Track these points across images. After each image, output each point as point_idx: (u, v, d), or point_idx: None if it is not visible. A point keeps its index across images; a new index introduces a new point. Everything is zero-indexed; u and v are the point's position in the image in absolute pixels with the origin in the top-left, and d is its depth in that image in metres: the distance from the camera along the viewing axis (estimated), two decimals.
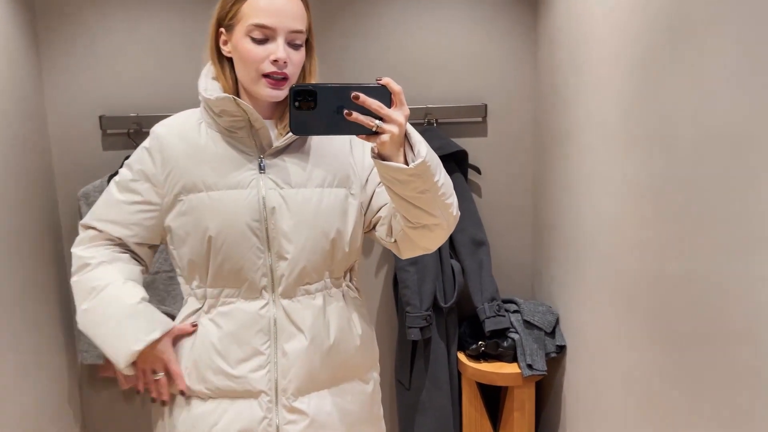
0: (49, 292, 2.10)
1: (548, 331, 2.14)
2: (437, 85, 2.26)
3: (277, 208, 1.13)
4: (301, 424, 1.16)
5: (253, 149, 1.16)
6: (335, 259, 1.20)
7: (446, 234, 1.13)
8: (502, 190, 2.37)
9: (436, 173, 1.02)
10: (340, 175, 1.19)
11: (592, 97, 1.79)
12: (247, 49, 1.10)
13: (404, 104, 0.96)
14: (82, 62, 2.15)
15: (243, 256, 1.14)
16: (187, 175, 1.15)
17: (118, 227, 1.19)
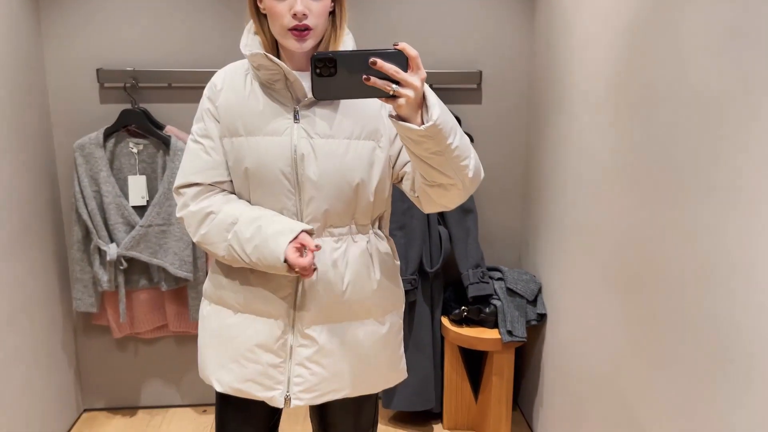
0: (44, 240, 2.16)
1: (530, 299, 2.17)
2: (431, 51, 2.25)
3: (306, 156, 1.21)
4: (311, 349, 1.28)
5: (289, 100, 1.23)
6: (359, 206, 1.26)
7: (463, 194, 1.17)
8: (495, 159, 2.37)
9: (450, 136, 1.05)
10: (369, 128, 1.25)
11: (582, 68, 1.78)
12: (270, 6, 1.17)
13: (421, 68, 1.00)
14: (81, 16, 2.17)
15: (275, 197, 1.24)
16: (231, 119, 1.25)
17: (211, 173, 1.28)
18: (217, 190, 1.29)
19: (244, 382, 1.29)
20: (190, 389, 2.50)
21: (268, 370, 1.28)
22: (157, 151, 2.21)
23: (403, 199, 2.19)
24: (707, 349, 1.16)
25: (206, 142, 1.28)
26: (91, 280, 2.24)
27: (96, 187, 2.17)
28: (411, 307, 2.26)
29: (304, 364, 1.28)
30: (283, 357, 1.29)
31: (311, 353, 1.28)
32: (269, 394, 1.29)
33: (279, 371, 1.29)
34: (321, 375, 1.29)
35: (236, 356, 1.29)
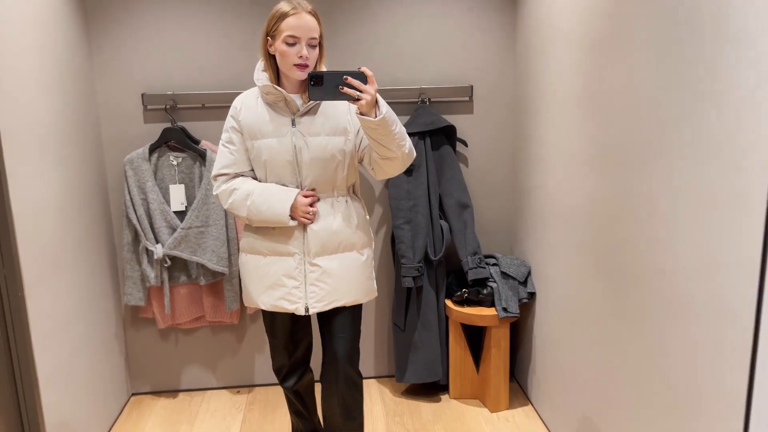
0: (99, 243, 2.49)
1: (521, 280, 2.51)
2: (430, 69, 2.61)
3: (302, 149, 1.81)
4: (318, 272, 1.88)
5: (288, 113, 1.83)
6: (337, 179, 1.87)
7: (402, 165, 1.81)
8: (487, 160, 2.72)
9: (393, 125, 1.69)
10: (341, 127, 1.84)
11: (557, 79, 2.14)
12: (284, 50, 1.76)
13: (374, 82, 1.64)
14: (126, 47, 2.51)
15: (284, 176, 1.85)
16: (251, 129, 1.85)
17: (234, 166, 1.89)
18: (239, 177, 1.88)
19: (278, 300, 1.90)
20: (225, 373, 2.82)
21: (292, 291, 1.88)
22: (194, 163, 2.56)
23: (409, 198, 2.53)
24: (663, 306, 1.50)
25: (230, 146, 1.88)
26: (139, 277, 2.57)
27: (143, 196, 2.51)
28: (418, 291, 2.60)
29: (314, 283, 1.87)
30: (300, 280, 1.88)
31: (318, 275, 1.87)
32: (294, 306, 1.89)
33: (299, 290, 1.88)
34: (326, 289, 1.88)
35: (270, 284, 1.89)
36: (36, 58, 2.02)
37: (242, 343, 2.80)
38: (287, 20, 1.73)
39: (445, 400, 2.67)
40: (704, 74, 1.26)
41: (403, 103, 2.62)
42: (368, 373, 2.88)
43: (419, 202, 2.55)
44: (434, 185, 2.57)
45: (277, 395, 2.77)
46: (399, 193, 2.55)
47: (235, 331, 2.79)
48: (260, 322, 2.78)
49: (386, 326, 2.84)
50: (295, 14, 1.73)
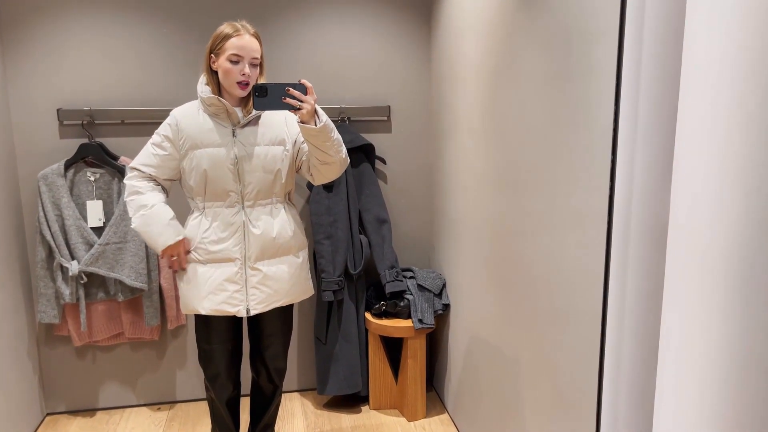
0: (12, 260, 2.44)
1: (437, 292, 2.62)
2: (350, 89, 2.71)
3: (243, 158, 1.93)
4: (258, 276, 1.99)
5: (229, 124, 1.94)
6: (276, 186, 1.98)
7: (339, 169, 1.95)
8: (405, 177, 2.83)
9: (332, 132, 1.85)
10: (279, 138, 1.98)
11: (462, 102, 2.27)
12: (227, 68, 1.88)
13: (313, 94, 1.79)
14: (42, 60, 2.49)
15: (225, 184, 1.94)
16: (192, 139, 1.93)
17: (153, 169, 1.97)
18: (150, 180, 1.97)
19: (220, 305, 1.97)
20: (145, 390, 2.80)
21: (233, 294, 1.98)
22: (112, 179, 2.55)
23: (329, 213, 2.61)
24: (546, 313, 1.63)
25: (158, 150, 1.96)
26: (53, 295, 2.53)
27: (58, 212, 2.48)
28: (339, 305, 2.67)
29: (256, 286, 1.99)
30: (241, 285, 1.98)
31: (259, 279, 1.99)
32: (236, 309, 1.98)
33: (240, 294, 1.98)
34: (267, 292, 2.00)
35: (211, 290, 1.97)
36: None
37: (163, 359, 2.79)
38: (232, 40, 1.85)
39: (365, 411, 2.74)
40: (576, 105, 1.39)
41: None
42: (291, 387, 2.92)
43: (339, 218, 2.62)
44: (354, 201, 2.66)
45: (198, 411, 2.76)
46: (319, 209, 2.62)
47: (156, 347, 2.78)
48: (181, 338, 2.78)
49: (309, 340, 2.89)
50: (238, 35, 1.86)
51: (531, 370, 1.72)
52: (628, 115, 1.09)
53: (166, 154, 1.95)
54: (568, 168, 1.43)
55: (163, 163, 1.96)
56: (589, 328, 1.35)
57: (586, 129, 1.34)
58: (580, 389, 1.42)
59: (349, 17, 2.67)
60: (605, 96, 1.25)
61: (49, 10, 2.46)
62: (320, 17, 2.65)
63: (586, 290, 1.36)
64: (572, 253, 1.43)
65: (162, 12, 2.54)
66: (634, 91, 1.09)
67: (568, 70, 1.42)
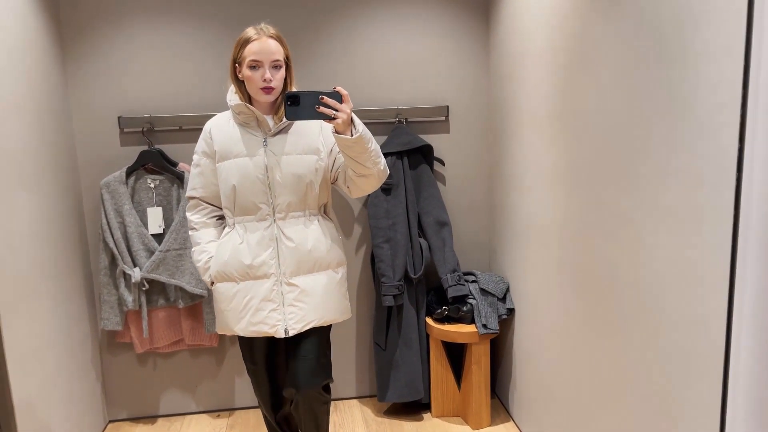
0: (76, 268, 2.46)
1: (500, 297, 2.54)
2: (407, 90, 2.65)
3: (273, 168, 1.85)
4: (295, 292, 1.89)
5: (260, 133, 1.88)
6: (308, 198, 1.90)
7: (378, 182, 1.86)
8: (464, 178, 2.76)
9: (369, 143, 1.75)
10: (313, 147, 1.89)
11: (528, 100, 2.19)
12: (249, 75, 1.82)
13: (349, 102, 1.68)
14: (103, 70, 2.51)
15: (256, 196, 1.87)
16: (222, 150, 1.89)
17: (200, 191, 1.96)
18: (204, 206, 1.97)
19: (256, 325, 1.89)
20: (205, 397, 2.79)
21: (270, 314, 1.89)
22: (171, 185, 2.55)
23: (388, 216, 2.55)
24: (634, 319, 1.54)
25: (197, 169, 1.94)
26: (116, 302, 2.54)
27: (120, 219, 2.49)
28: (399, 310, 2.61)
29: (292, 303, 1.89)
30: (278, 302, 1.88)
31: (296, 295, 1.89)
32: (274, 330, 1.89)
33: (277, 313, 1.88)
34: (305, 309, 1.89)
35: (247, 310, 1.89)
36: (8, 83, 2.00)
37: (222, 366, 2.78)
38: (249, 46, 1.79)
39: (428, 419, 2.67)
40: (667, 95, 1.30)
41: (380, 124, 2.65)
42: (349, 394, 2.87)
43: (398, 221, 2.57)
44: (413, 204, 2.60)
45: (258, 418, 2.74)
46: (378, 212, 2.57)
47: (215, 354, 2.77)
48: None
49: (368, 345, 2.84)
50: (256, 39, 1.79)
51: (615, 380, 1.63)
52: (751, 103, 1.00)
53: (206, 171, 1.92)
54: (660, 162, 1.35)
55: (207, 182, 1.93)
56: (695, 334, 1.26)
57: (682, 119, 1.25)
58: (685, 401, 1.33)
59: (403, 17, 2.62)
60: (707, 82, 1.17)
61: (110, 18, 2.48)
62: (373, 18, 2.61)
63: (690, 293, 1.27)
64: (668, 253, 1.34)
65: (218, 18, 2.53)
66: (754, 75, 1.01)
67: (658, 57, 1.33)
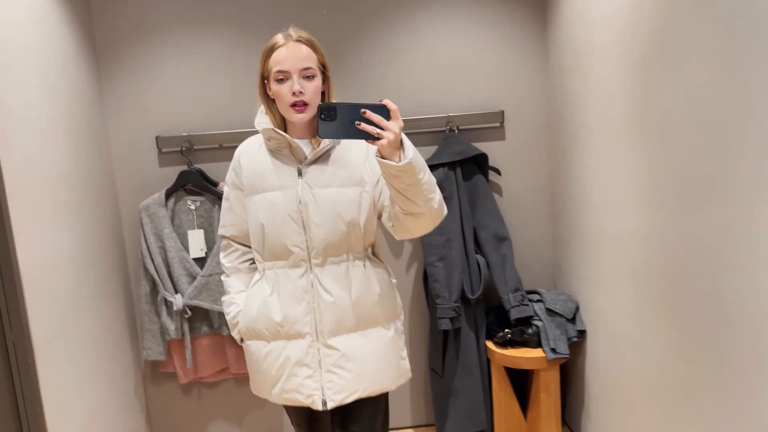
0: (117, 296, 2.35)
1: (569, 317, 2.31)
2: (457, 95, 2.47)
3: (308, 203, 1.54)
4: (335, 356, 1.58)
5: (293, 161, 1.57)
6: (352, 238, 1.58)
7: (431, 223, 1.47)
8: (521, 189, 2.55)
9: (420, 172, 1.36)
10: (357, 177, 1.57)
11: (598, 99, 1.97)
12: (276, 89, 1.52)
13: (399, 118, 1.31)
14: (139, 89, 2.41)
15: (288, 237, 1.56)
16: (251, 182, 1.60)
17: (230, 228, 1.70)
18: (236, 248, 1.71)
19: (290, 393, 1.61)
20: (252, 427, 2.64)
21: (305, 381, 1.59)
22: (212, 206, 2.42)
23: (441, 232, 2.36)
24: (743, 348, 1.30)
25: (227, 203, 1.69)
26: (158, 330, 2.41)
27: (160, 243, 2.37)
28: (456, 333, 2.41)
29: (331, 370, 1.58)
30: (314, 368, 1.58)
31: (336, 359, 1.58)
32: (310, 400, 1.59)
33: (313, 380, 1.58)
34: (346, 377, 1.58)
35: (279, 375, 1.61)
36: (43, 106, 1.90)
37: None
38: (274, 54, 1.51)
39: None
40: None
41: (430, 133, 2.47)
42: (404, 423, 2.68)
43: (453, 237, 2.37)
44: (468, 218, 2.40)
45: None
46: None
47: None
48: None
49: (422, 372, 2.65)
50: (282, 45, 1.51)
51: (714, 415, 1.39)
52: None
53: (235, 206, 1.66)
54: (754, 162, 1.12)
55: (237, 218, 1.67)
56: None
57: None
58: None
59: (451, 16, 2.44)
60: None
61: (145, 35, 2.39)
62: (418, 19, 2.44)
63: None
64: None
65: (257, 30, 2.40)
66: None
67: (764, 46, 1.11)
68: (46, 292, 1.80)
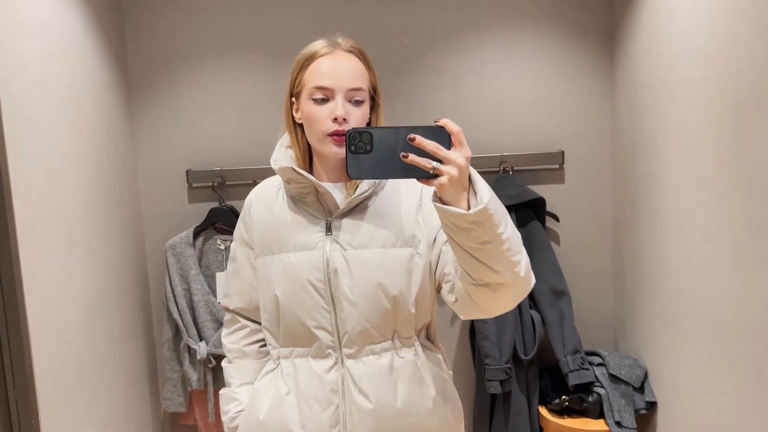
0: (137, 341, 2.18)
1: (636, 386, 2.04)
2: (512, 132, 2.26)
3: (339, 269, 1.15)
4: None
5: (321, 212, 1.19)
6: (399, 318, 1.17)
7: (514, 298, 1.02)
8: (582, 238, 2.31)
9: (501, 224, 0.93)
10: (406, 234, 1.17)
11: (680, 141, 1.74)
12: (309, 111, 1.15)
13: (464, 145, 0.90)
14: (170, 120, 2.27)
15: (310, 315, 1.17)
16: (263, 237, 1.22)
17: (237, 298, 1.31)
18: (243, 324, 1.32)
19: None
20: None
21: None
22: None
23: None
24: None
25: (232, 265, 1.32)
26: (180, 379, 2.22)
27: (186, 286, 2.20)
28: (506, 397, 2.15)
29: None
30: None
31: None
32: None
33: None
34: None
35: None
36: (71, 137, 1.76)
37: None
38: (314, 65, 1.16)
39: None
40: None
41: (482, 173, 2.25)
42: None
43: None
44: None
45: None
46: None
47: None
48: None
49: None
50: (326, 54, 1.16)
51: None
52: None
53: (242, 268, 1.29)
54: None
55: (245, 286, 1.29)
56: None
57: None
58: None
59: (508, 52, 2.25)
60: None
61: (178, 66, 2.26)
62: (472, 52, 2.25)
63: None
64: None
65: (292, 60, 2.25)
66: None
67: None
68: (56, 343, 1.62)
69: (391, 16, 2.24)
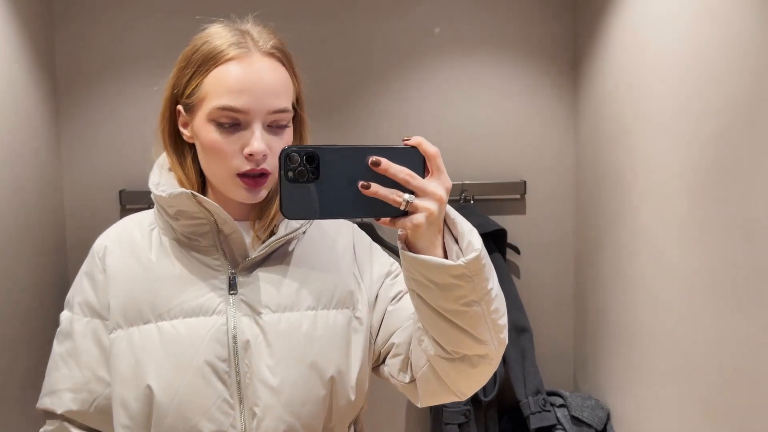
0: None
1: (599, 428, 1.95)
2: (473, 161, 2.17)
3: (252, 342, 0.83)
4: None
5: (222, 262, 0.87)
6: (335, 409, 0.86)
7: (491, 371, 0.79)
8: (543, 271, 2.23)
9: (490, 278, 0.71)
10: (341, 290, 0.88)
11: (650, 176, 1.68)
12: (211, 140, 0.81)
13: (443, 172, 0.68)
14: (102, 136, 2.07)
15: (205, 414, 0.81)
16: (129, 300, 0.86)
17: (69, 395, 0.89)
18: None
19: None
20: None
21: None
22: None
23: None
24: None
25: (62, 347, 0.90)
26: None
27: None
28: None
29: None
30: None
31: None
32: None
33: None
34: None
35: None
36: None
37: None
38: (220, 72, 0.81)
39: None
40: None
41: None
42: None
43: None
44: None
45: None
46: None
47: None
48: None
49: None
50: (237, 59, 0.81)
51: None
52: None
53: (83, 350, 0.89)
54: None
55: (84, 378, 0.89)
56: None
57: None
58: None
59: (471, 79, 2.16)
60: None
61: (113, 77, 2.06)
62: (434, 81, 2.15)
63: None
64: None
65: None
66: None
67: None
68: None
69: (350, 35, 2.12)
